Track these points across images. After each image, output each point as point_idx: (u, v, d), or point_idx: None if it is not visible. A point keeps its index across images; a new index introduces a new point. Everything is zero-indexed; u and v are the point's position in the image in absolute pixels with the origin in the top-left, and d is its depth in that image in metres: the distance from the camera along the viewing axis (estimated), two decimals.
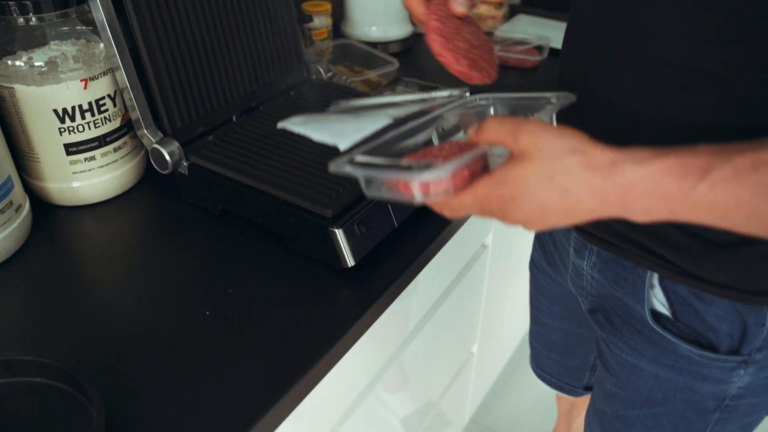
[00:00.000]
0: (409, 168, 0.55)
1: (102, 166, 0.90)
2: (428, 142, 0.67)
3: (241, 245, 0.85)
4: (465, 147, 0.58)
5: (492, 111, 0.68)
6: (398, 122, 0.67)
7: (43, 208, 0.92)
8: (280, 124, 0.66)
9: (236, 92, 0.97)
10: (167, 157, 0.85)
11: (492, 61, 0.69)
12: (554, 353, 1.03)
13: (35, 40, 0.84)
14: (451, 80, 1.34)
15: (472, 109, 0.69)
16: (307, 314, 0.74)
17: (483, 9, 1.51)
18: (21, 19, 0.82)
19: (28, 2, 0.80)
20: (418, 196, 0.52)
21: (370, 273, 0.80)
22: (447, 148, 0.59)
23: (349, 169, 0.56)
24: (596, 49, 0.66)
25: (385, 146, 0.63)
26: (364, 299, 0.77)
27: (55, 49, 0.86)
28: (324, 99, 1.02)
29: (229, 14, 0.94)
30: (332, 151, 0.85)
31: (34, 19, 0.83)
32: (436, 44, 0.65)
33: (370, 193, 0.56)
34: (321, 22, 1.36)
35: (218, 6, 0.92)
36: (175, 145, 0.86)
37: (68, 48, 0.86)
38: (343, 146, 0.61)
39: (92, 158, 0.88)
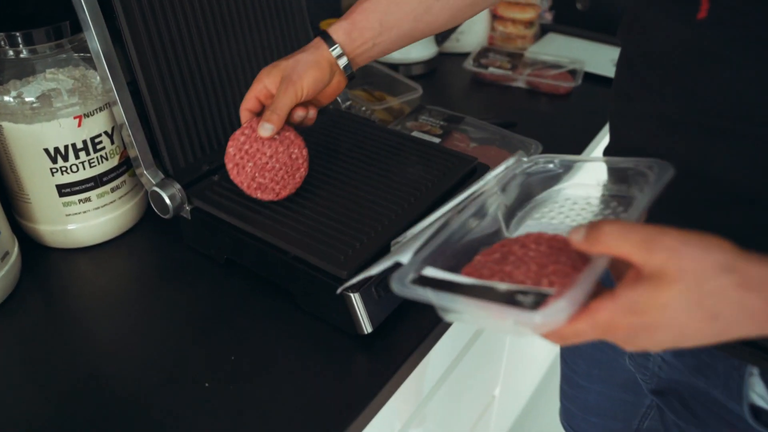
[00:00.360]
0: (511, 298, 0.45)
1: (98, 208, 0.82)
2: (499, 231, 0.58)
3: (246, 299, 0.77)
4: (555, 244, 0.49)
5: (565, 177, 0.59)
6: (456, 205, 0.59)
7: (36, 250, 0.85)
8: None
9: None
10: (168, 202, 0.78)
11: (288, 179, 0.77)
12: (592, 416, 0.94)
13: (26, 74, 0.76)
14: (479, 108, 1.27)
15: (539, 175, 0.60)
16: (318, 387, 0.66)
17: (512, 29, 1.42)
18: (11, 51, 0.75)
19: (17, 34, 0.73)
20: (522, 330, 0.43)
21: (388, 338, 0.71)
22: (533, 247, 0.50)
23: (421, 293, 0.46)
24: (666, 125, 0.60)
25: (450, 244, 0.53)
26: (382, 370, 0.69)
27: (50, 78, 0.78)
28: (341, 131, 0.93)
29: (239, 41, 0.86)
30: (358, 203, 0.77)
31: (25, 51, 0.75)
32: (229, 172, 0.76)
33: (449, 317, 0.47)
34: None
35: (226, 33, 0.84)
36: (176, 188, 0.78)
37: (63, 78, 0.78)
38: (406, 259, 0.52)
39: (87, 200, 0.81)
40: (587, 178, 0.60)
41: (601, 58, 1.37)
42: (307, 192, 0.80)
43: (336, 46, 0.72)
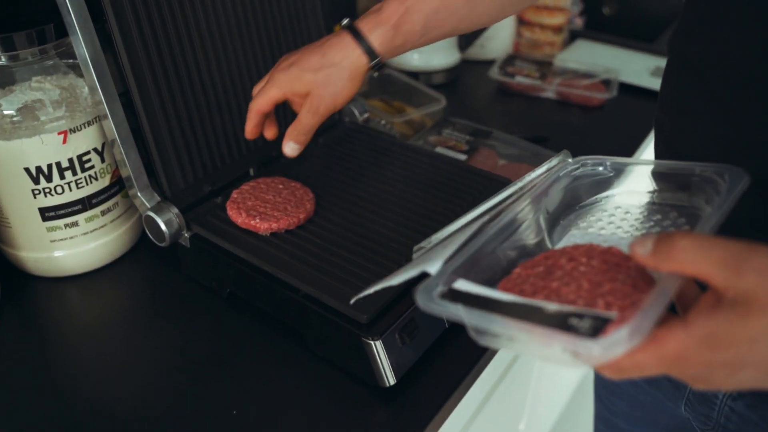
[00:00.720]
0: (562, 321, 0.37)
1: (87, 233, 0.73)
2: (541, 242, 0.50)
3: (251, 340, 0.68)
4: (610, 258, 0.42)
5: (616, 182, 0.52)
6: (490, 208, 0.51)
7: (19, 279, 0.76)
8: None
9: (253, 142, 0.80)
10: (164, 228, 0.69)
11: (291, 210, 0.70)
12: None
13: (5, 83, 0.68)
14: (506, 120, 1.17)
15: (586, 179, 0.52)
16: None
17: (539, 34, 1.32)
18: None
19: None
20: (572, 360, 0.36)
21: (413, 390, 0.62)
22: (583, 261, 0.42)
23: (452, 310, 0.39)
24: (742, 142, 0.54)
25: (484, 253, 0.45)
26: (406, 427, 0.59)
27: (36, 87, 0.69)
28: (359, 148, 0.84)
29: (246, 47, 0.77)
30: (378, 232, 0.68)
31: (3, 57, 0.66)
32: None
33: (484, 341, 0.39)
34: None
35: (232, 38, 0.75)
36: (173, 212, 0.69)
37: (51, 87, 0.70)
38: (434, 269, 0.44)
39: (74, 224, 0.72)
40: (641, 185, 0.53)
41: (635, 67, 1.28)
42: (321, 219, 0.71)
43: (377, 59, 0.64)
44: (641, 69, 1.27)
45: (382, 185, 0.77)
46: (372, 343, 0.59)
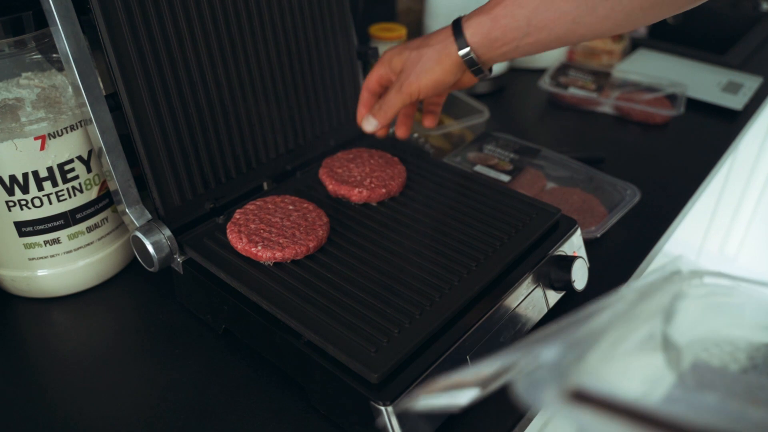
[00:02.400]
0: None
1: (70, 251, 0.64)
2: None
3: (244, 388, 0.58)
4: None
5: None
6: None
7: None
8: None
9: (264, 153, 0.70)
10: (152, 251, 0.59)
11: (300, 236, 0.60)
12: None
13: None
14: (556, 137, 1.05)
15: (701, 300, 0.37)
16: None
17: (597, 42, 1.20)
18: None
19: None
20: None
21: None
22: None
23: (585, 421, 0.26)
24: None
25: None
26: None
27: (24, 85, 0.61)
28: None
29: (258, 46, 0.67)
30: (399, 268, 0.57)
31: None
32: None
33: None
34: None
35: (242, 35, 0.65)
36: (164, 234, 0.60)
37: (40, 86, 0.61)
38: (551, 354, 0.31)
39: (56, 241, 0.63)
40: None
41: (704, 81, 1.14)
42: (335, 248, 0.61)
43: (467, 49, 0.61)
44: (711, 84, 1.14)
45: (408, 210, 0.66)
46: (383, 408, 0.48)
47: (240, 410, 0.56)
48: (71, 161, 0.61)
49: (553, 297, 0.64)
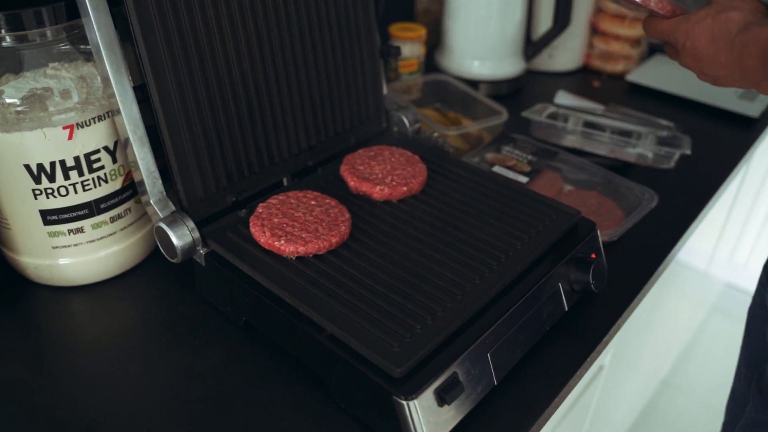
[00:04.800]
0: None
1: (93, 241, 0.65)
2: None
3: (265, 380, 0.58)
4: None
5: None
6: None
7: (20, 284, 0.68)
8: None
9: (287, 148, 0.71)
10: (175, 242, 0.60)
11: (323, 232, 0.60)
12: None
13: (9, 68, 0.60)
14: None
15: None
16: None
17: (615, 46, 1.20)
18: None
19: None
20: None
21: None
22: None
23: None
24: None
25: None
26: None
27: (51, 75, 0.62)
28: None
29: (284, 41, 0.68)
30: (422, 266, 0.58)
31: (8, 38, 0.58)
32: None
33: None
34: (412, 51, 1.08)
35: (269, 32, 0.66)
36: (188, 226, 0.60)
37: (67, 76, 0.62)
38: None
39: (79, 230, 0.64)
40: None
41: (721, 88, 1.14)
42: (357, 244, 0.61)
43: None
44: (728, 90, 1.14)
45: (429, 208, 0.67)
46: (405, 403, 0.48)
47: (259, 402, 0.56)
48: (98, 151, 0.62)
49: (572, 298, 0.64)
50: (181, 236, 0.60)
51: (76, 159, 0.60)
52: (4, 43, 0.59)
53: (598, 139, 0.91)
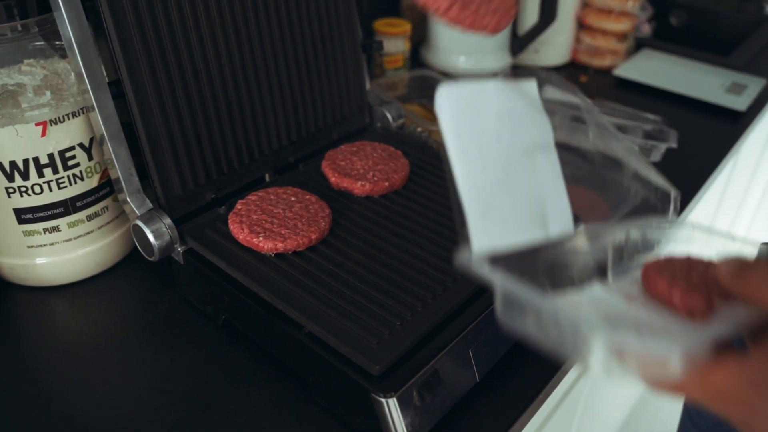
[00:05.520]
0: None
1: (70, 240, 0.64)
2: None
3: (245, 378, 0.57)
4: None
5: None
6: None
7: None
8: None
9: (267, 144, 0.70)
10: (152, 240, 0.59)
11: (303, 228, 0.60)
12: None
13: None
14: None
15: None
16: None
17: (601, 41, 1.19)
18: None
19: None
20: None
21: None
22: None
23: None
24: None
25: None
26: None
27: (26, 71, 0.61)
28: None
29: (263, 35, 0.67)
30: (403, 261, 0.57)
31: None
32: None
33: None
34: (396, 46, 1.07)
35: (247, 24, 0.65)
36: (164, 223, 0.59)
37: (39, 71, 0.60)
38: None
39: (55, 229, 0.63)
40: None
41: (708, 82, 1.14)
42: (337, 240, 0.60)
43: None
44: (715, 85, 1.13)
45: (411, 204, 0.66)
46: (384, 400, 0.47)
47: (240, 402, 0.55)
48: (72, 148, 0.60)
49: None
50: (158, 234, 0.59)
51: (50, 156, 0.59)
52: None
53: (584, 132, 0.90)
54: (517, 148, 0.41)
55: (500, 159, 0.40)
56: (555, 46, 1.21)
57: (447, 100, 0.40)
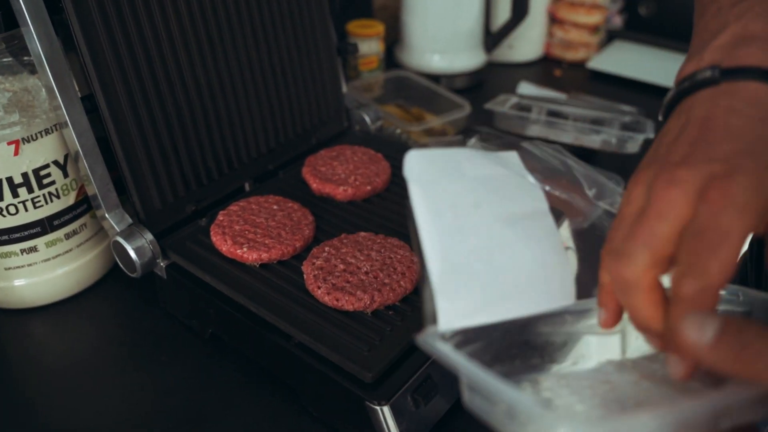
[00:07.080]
0: None
1: (48, 260, 0.62)
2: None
3: (235, 392, 0.56)
4: None
5: None
6: None
7: None
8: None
9: (246, 153, 0.69)
10: (134, 256, 0.58)
11: (287, 236, 0.59)
12: None
13: None
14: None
15: None
16: None
17: (574, 34, 1.20)
18: None
19: None
20: None
21: None
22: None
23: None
24: None
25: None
26: None
27: None
28: None
29: (236, 42, 0.66)
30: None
31: None
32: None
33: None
34: (371, 48, 1.07)
35: (220, 32, 0.64)
36: (146, 239, 0.58)
37: (11, 89, 0.59)
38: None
39: (33, 249, 0.61)
40: None
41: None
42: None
43: None
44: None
45: (395, 206, 0.65)
46: (378, 408, 0.47)
47: (231, 416, 0.54)
48: (47, 166, 0.59)
49: None
50: (139, 249, 0.58)
51: (24, 175, 0.58)
52: None
53: (562, 127, 0.91)
54: (500, 216, 0.38)
55: (479, 227, 0.37)
56: (528, 42, 1.21)
57: (417, 165, 0.36)
